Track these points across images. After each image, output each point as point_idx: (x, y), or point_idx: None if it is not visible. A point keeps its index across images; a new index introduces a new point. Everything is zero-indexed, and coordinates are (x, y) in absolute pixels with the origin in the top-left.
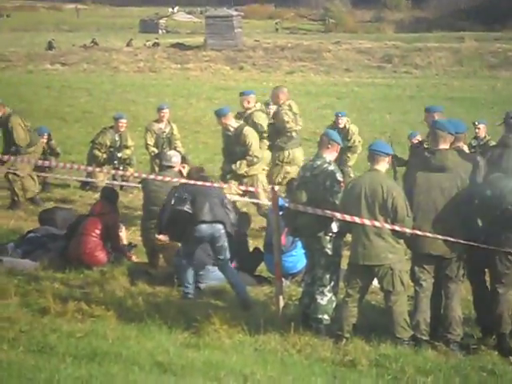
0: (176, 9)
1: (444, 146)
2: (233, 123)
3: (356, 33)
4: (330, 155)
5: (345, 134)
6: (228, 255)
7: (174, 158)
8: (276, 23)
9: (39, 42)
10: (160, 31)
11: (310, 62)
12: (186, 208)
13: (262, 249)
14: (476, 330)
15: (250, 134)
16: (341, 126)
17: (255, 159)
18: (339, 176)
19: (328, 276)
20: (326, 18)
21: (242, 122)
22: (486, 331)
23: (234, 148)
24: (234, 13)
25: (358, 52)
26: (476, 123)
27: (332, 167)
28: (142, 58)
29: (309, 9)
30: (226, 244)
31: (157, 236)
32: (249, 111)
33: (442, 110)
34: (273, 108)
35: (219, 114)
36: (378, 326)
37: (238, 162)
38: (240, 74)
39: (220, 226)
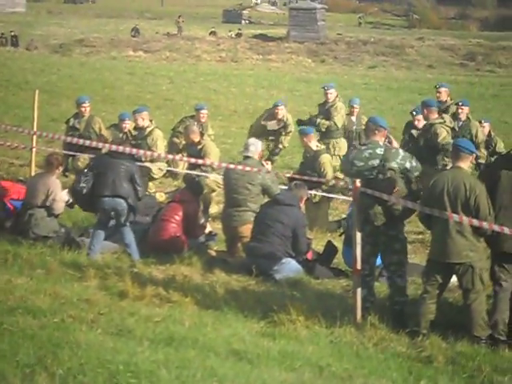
0: (260, 0)
1: None
2: (313, 145)
3: (440, 29)
4: (381, 141)
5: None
6: (127, 222)
7: (251, 146)
8: (359, 17)
9: (123, 29)
10: (243, 22)
11: (393, 57)
12: (80, 187)
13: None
14: None
15: (328, 163)
16: (462, 118)
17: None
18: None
19: (404, 259)
20: (409, 13)
21: (322, 146)
22: None
23: (306, 171)
24: (318, 5)
25: (442, 49)
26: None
27: (401, 150)
28: (224, 48)
29: (392, 4)
30: (128, 215)
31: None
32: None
33: (436, 105)
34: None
35: (302, 133)
36: (455, 324)
37: (314, 191)
38: (322, 66)
39: (121, 201)
